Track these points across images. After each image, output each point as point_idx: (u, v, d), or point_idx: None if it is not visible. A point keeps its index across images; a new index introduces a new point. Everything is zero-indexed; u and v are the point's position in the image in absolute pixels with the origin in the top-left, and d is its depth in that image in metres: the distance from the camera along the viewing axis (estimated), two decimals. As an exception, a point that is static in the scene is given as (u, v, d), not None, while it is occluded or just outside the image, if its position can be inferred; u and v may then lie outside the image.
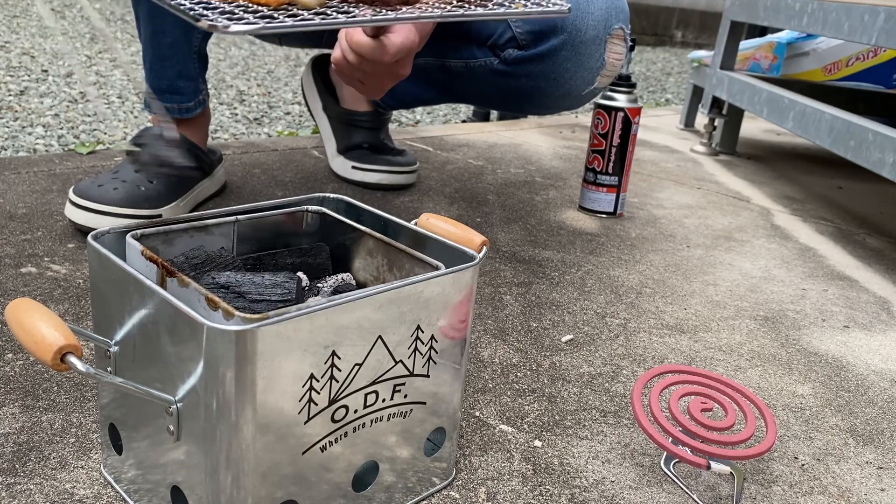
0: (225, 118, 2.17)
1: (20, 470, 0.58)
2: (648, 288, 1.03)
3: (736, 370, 0.84)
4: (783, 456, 0.70)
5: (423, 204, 1.27)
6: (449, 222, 0.59)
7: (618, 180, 1.30)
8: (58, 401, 0.66)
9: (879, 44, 1.22)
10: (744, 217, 1.41)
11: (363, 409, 0.51)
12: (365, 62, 0.85)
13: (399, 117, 2.43)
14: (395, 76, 0.90)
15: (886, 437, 0.75)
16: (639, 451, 0.68)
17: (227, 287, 0.52)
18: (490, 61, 1.11)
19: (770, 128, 2.38)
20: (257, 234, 0.61)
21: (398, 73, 0.89)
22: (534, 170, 1.57)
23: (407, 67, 0.89)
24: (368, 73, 0.88)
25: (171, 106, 1.13)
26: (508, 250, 1.11)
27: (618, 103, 1.27)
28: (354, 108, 1.35)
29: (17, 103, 2.08)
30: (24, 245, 0.96)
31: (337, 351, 0.48)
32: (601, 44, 1.03)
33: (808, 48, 1.98)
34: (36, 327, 0.43)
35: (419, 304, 0.52)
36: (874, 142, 1.17)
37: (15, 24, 3.32)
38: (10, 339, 0.75)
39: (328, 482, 0.51)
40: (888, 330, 0.99)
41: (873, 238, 1.37)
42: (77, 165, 1.29)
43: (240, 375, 0.43)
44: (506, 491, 0.61)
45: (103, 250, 0.51)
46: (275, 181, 1.31)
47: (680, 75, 4.22)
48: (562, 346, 0.85)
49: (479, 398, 0.74)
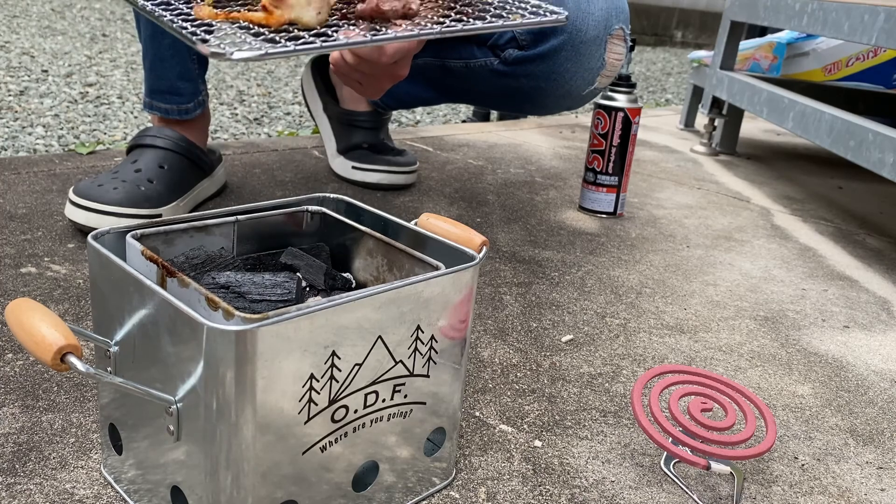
0: (225, 118, 2.17)
1: (20, 470, 0.58)
2: (648, 288, 1.03)
3: (736, 370, 0.84)
4: (783, 456, 0.70)
5: (423, 204, 1.27)
6: (449, 222, 0.59)
7: (618, 180, 1.30)
8: (58, 401, 0.66)
9: (879, 44, 1.22)
10: (744, 217, 1.41)
11: (363, 409, 0.51)
12: (363, 63, 0.86)
13: (399, 117, 2.43)
14: (394, 77, 0.90)
15: (886, 437, 0.75)
16: (639, 451, 0.68)
17: (227, 287, 0.52)
18: (490, 61, 1.11)
19: (770, 128, 2.38)
20: (257, 234, 0.61)
21: (396, 73, 0.89)
22: (534, 170, 1.57)
23: (405, 68, 0.89)
24: (367, 74, 0.89)
25: (171, 107, 1.13)
26: (508, 250, 1.11)
27: (618, 103, 1.27)
28: (354, 108, 1.35)
29: (17, 103, 2.08)
30: (24, 245, 0.96)
31: (337, 351, 0.48)
32: (601, 44, 1.03)
33: (808, 48, 1.98)
34: (36, 327, 0.43)
35: (419, 304, 0.52)
36: (874, 142, 1.17)
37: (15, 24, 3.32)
38: (10, 339, 0.75)
39: (328, 482, 0.51)
40: (888, 330, 0.99)
41: (873, 238, 1.37)
42: (77, 165, 1.29)
43: (240, 375, 0.43)
44: (506, 491, 0.61)
45: (103, 250, 0.51)
46: (275, 181, 1.31)
47: (680, 75, 4.22)
48: (562, 346, 0.85)
49: (479, 398, 0.74)
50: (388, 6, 0.65)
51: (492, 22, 0.66)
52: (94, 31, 3.39)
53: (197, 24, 0.60)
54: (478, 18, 0.67)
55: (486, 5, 0.73)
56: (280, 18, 0.59)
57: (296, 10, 0.59)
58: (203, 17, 0.60)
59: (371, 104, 1.35)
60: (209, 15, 0.60)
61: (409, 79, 0.95)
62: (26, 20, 3.47)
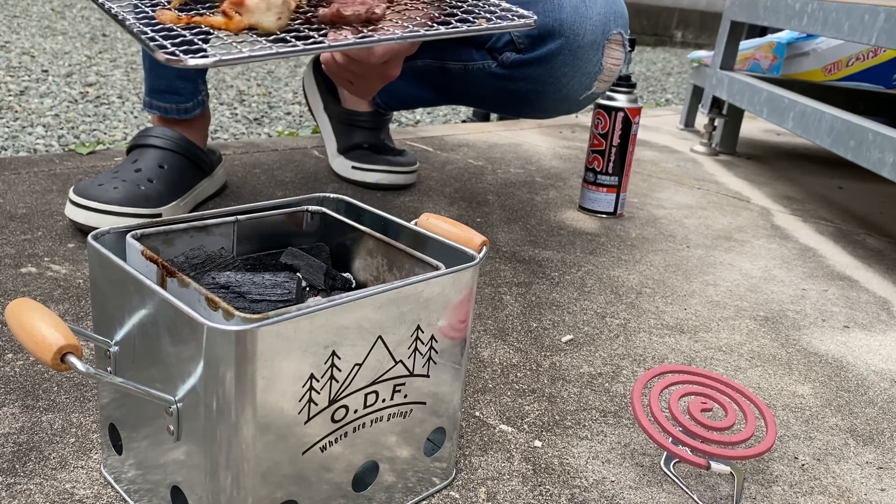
0: (225, 118, 2.17)
1: (20, 470, 0.58)
2: (648, 288, 1.03)
3: (736, 370, 0.84)
4: (783, 456, 0.70)
5: (423, 204, 1.27)
6: (449, 222, 0.59)
7: (618, 180, 1.30)
8: (58, 401, 0.66)
9: (879, 44, 1.22)
10: (744, 217, 1.41)
11: (363, 409, 0.51)
12: (352, 63, 0.86)
13: (399, 117, 2.43)
14: (385, 77, 0.90)
15: (886, 437, 0.75)
16: (639, 451, 0.68)
17: (227, 287, 0.52)
18: (488, 64, 1.11)
19: (770, 128, 2.38)
20: (257, 234, 0.61)
21: (387, 74, 0.89)
22: (534, 170, 1.57)
23: (396, 69, 0.89)
24: (357, 74, 0.89)
25: (170, 106, 1.13)
26: (508, 250, 1.11)
27: (618, 103, 1.27)
28: (355, 107, 1.35)
29: (17, 103, 2.08)
30: (24, 245, 0.96)
31: (337, 351, 0.48)
32: (599, 48, 1.03)
33: (808, 48, 1.98)
34: (36, 327, 0.43)
35: (419, 304, 0.52)
36: (874, 142, 1.17)
37: (15, 24, 3.32)
38: (10, 339, 0.75)
39: (328, 482, 0.51)
40: (888, 330, 0.99)
41: (873, 238, 1.37)
42: (77, 165, 1.29)
43: (240, 375, 0.43)
44: (506, 491, 0.61)
45: (103, 250, 0.51)
46: (275, 181, 1.31)
47: (680, 75, 4.22)
48: (562, 346, 0.85)
49: (479, 398, 0.74)
50: (350, 11, 0.65)
51: (457, 27, 0.66)
52: (95, 31, 3.39)
53: (157, 29, 0.60)
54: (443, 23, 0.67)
55: (453, 9, 0.73)
56: (240, 24, 0.59)
57: (255, 16, 0.59)
58: (165, 22, 0.61)
59: (372, 104, 1.35)
60: (171, 19, 0.61)
61: (410, 80, 0.95)
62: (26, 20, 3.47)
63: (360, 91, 0.94)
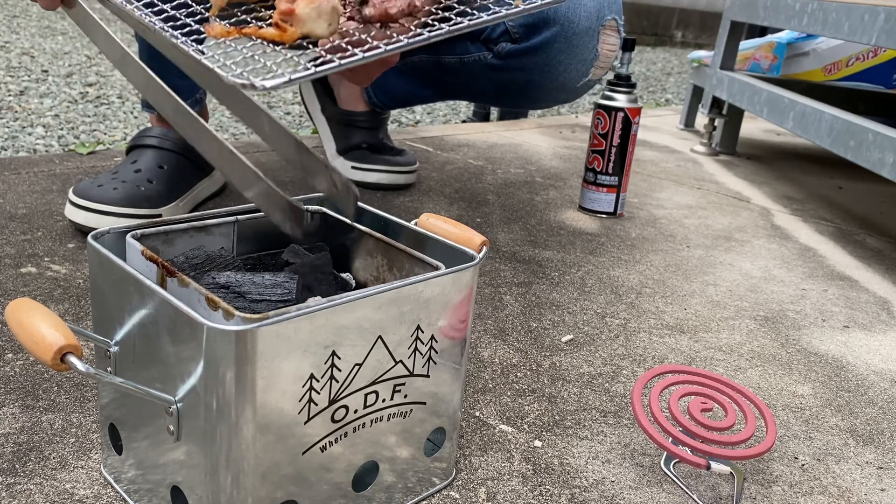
0: (225, 118, 2.17)
1: (20, 470, 0.58)
2: (648, 288, 1.03)
3: (736, 370, 0.84)
4: (783, 456, 0.70)
5: (423, 204, 1.27)
6: (449, 222, 0.59)
7: (618, 180, 1.30)
8: (58, 401, 0.66)
9: (879, 44, 1.22)
10: (744, 217, 1.41)
11: (363, 409, 0.51)
12: None
13: (399, 117, 2.43)
14: (384, 62, 0.90)
15: (886, 437, 0.75)
16: (639, 451, 0.68)
17: (227, 287, 0.52)
18: (484, 56, 1.11)
19: (770, 128, 2.38)
20: (257, 234, 0.61)
21: (387, 60, 0.89)
22: (534, 170, 1.57)
23: (395, 56, 0.89)
24: None
25: None
26: (508, 250, 1.11)
27: (618, 103, 1.27)
28: (352, 108, 1.35)
29: (17, 103, 2.08)
30: (24, 245, 0.96)
31: (337, 351, 0.48)
32: (594, 35, 1.03)
33: (808, 48, 1.98)
34: (36, 327, 0.43)
35: (419, 304, 0.52)
36: (874, 142, 1.17)
37: (15, 25, 3.32)
38: (10, 339, 0.75)
39: (328, 482, 0.51)
40: (888, 330, 0.99)
41: (873, 238, 1.37)
42: (77, 165, 1.29)
43: (240, 375, 0.43)
44: (506, 491, 0.61)
45: (103, 250, 0.51)
46: (275, 181, 1.30)
47: (680, 75, 4.22)
48: (562, 346, 0.85)
49: (479, 398, 0.74)
50: (395, 9, 0.65)
51: (496, 11, 0.66)
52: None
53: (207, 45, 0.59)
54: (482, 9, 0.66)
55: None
56: (293, 34, 0.58)
57: (308, 25, 0.58)
58: (216, 36, 0.60)
59: (369, 104, 1.35)
60: (222, 33, 0.59)
61: (406, 77, 0.95)
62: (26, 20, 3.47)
63: (358, 78, 0.94)
